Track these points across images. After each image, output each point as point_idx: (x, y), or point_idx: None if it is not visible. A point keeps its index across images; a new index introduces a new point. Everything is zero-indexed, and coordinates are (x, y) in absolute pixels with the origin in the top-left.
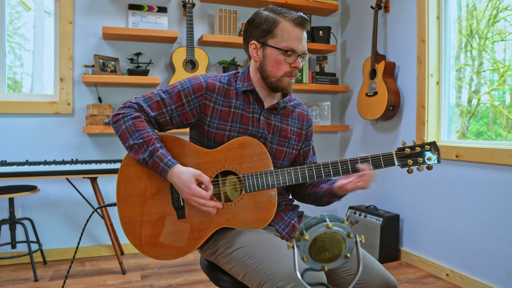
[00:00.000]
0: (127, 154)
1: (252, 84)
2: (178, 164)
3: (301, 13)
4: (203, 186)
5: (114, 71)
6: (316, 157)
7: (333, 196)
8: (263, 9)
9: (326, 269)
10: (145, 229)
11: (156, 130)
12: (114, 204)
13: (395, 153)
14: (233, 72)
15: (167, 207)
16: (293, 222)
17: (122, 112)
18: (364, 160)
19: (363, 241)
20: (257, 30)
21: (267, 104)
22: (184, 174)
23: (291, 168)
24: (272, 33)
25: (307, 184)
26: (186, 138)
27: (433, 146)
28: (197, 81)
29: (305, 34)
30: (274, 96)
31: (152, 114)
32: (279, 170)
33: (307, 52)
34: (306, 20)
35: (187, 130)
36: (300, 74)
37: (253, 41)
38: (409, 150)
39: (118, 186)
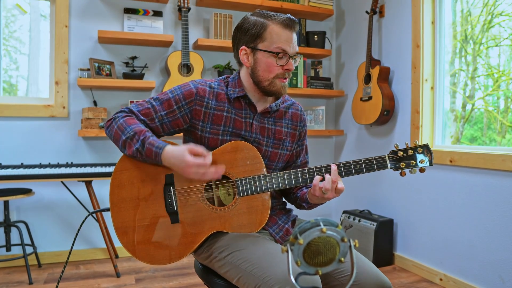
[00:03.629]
0: (120, 159)
1: (243, 89)
2: (169, 145)
3: (289, 15)
4: None
5: (109, 75)
6: (308, 157)
7: (303, 201)
8: (250, 14)
9: (320, 273)
10: (138, 234)
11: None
12: (108, 210)
13: (388, 156)
14: (223, 77)
15: (161, 211)
16: (286, 226)
17: (113, 116)
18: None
19: (357, 245)
20: (246, 36)
21: (259, 108)
22: (176, 151)
23: (284, 172)
24: (262, 37)
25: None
26: (180, 142)
27: (426, 149)
28: (187, 87)
29: (294, 36)
30: (266, 100)
31: (142, 118)
32: (272, 174)
33: (297, 51)
34: (295, 21)
35: (180, 135)
36: (294, 78)
37: (243, 47)
38: (402, 153)
39: (111, 192)
